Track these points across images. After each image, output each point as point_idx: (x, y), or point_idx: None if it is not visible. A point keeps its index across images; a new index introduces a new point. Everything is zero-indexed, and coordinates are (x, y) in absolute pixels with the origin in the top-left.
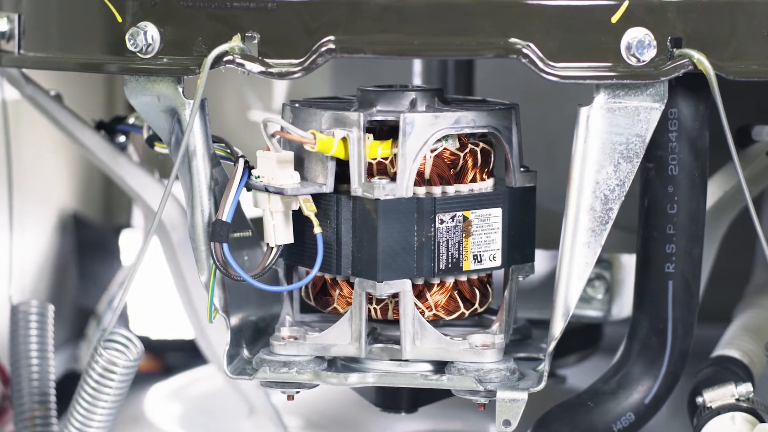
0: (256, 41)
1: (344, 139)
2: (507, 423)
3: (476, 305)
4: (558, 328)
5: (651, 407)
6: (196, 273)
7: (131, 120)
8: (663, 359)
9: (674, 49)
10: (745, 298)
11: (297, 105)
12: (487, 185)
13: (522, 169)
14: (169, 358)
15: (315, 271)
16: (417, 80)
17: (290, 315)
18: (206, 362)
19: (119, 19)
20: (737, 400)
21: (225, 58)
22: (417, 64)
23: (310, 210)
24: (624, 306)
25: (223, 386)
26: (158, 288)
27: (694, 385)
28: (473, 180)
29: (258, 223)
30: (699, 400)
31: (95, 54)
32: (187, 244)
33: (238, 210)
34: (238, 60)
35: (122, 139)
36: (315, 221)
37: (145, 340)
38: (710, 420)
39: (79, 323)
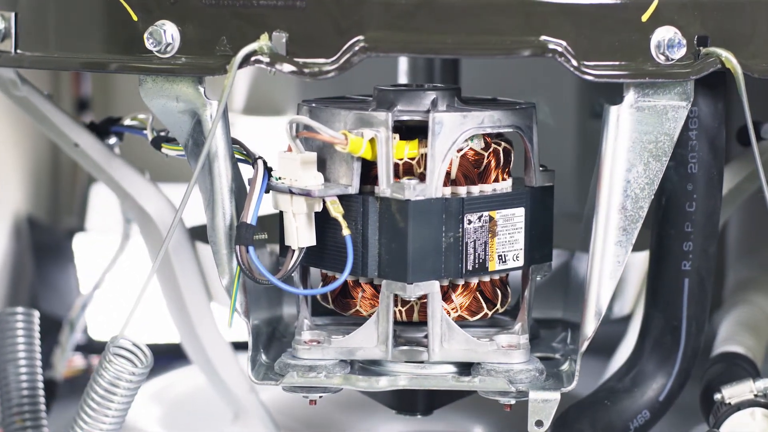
0: (284, 40)
1: (372, 140)
2: (540, 423)
3: (497, 306)
4: (590, 328)
5: (665, 405)
6: (189, 276)
7: (127, 121)
8: (677, 356)
9: (700, 48)
10: (730, 295)
11: (314, 105)
12: (507, 185)
13: (541, 168)
14: None
15: (346, 274)
16: (402, 79)
17: (308, 319)
18: (172, 366)
19: (134, 18)
20: (756, 396)
21: (253, 58)
22: (402, 63)
23: (337, 212)
24: (625, 304)
25: (204, 388)
26: (117, 293)
27: (706, 383)
28: (495, 180)
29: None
30: (717, 396)
31: (101, 53)
32: (182, 247)
33: None
34: (267, 60)
35: (112, 140)
36: (343, 223)
37: (94, 345)
38: (730, 416)
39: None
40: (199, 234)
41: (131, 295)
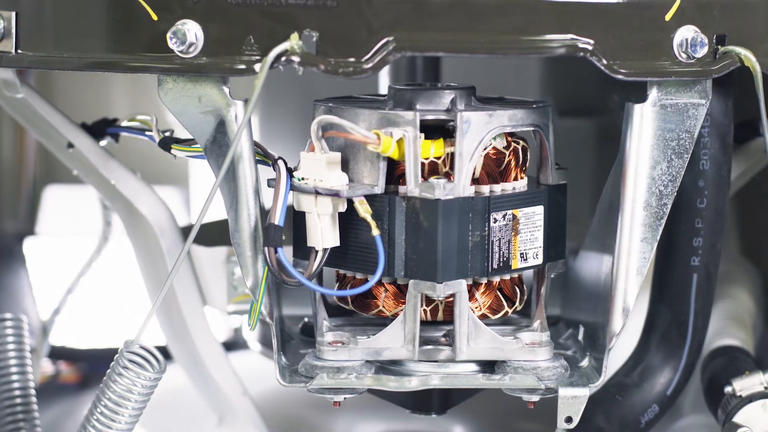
0: (314, 39)
1: (399, 139)
2: (569, 420)
3: (516, 304)
4: (618, 324)
5: (672, 398)
6: (182, 278)
7: (124, 122)
8: (683, 351)
9: (718, 47)
10: None
11: (331, 105)
12: (524, 183)
13: (556, 166)
14: (91, 368)
15: (378, 274)
16: (385, 78)
17: (327, 320)
18: None
19: (154, 17)
20: (766, 388)
21: (284, 58)
22: None
23: (366, 212)
24: None
25: (185, 389)
26: (78, 297)
27: (711, 376)
28: (514, 179)
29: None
30: (728, 389)
31: (114, 53)
32: (175, 248)
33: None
34: (298, 59)
35: (104, 142)
36: (373, 223)
37: (62, 350)
38: (741, 408)
39: None
40: None
41: (94, 300)
